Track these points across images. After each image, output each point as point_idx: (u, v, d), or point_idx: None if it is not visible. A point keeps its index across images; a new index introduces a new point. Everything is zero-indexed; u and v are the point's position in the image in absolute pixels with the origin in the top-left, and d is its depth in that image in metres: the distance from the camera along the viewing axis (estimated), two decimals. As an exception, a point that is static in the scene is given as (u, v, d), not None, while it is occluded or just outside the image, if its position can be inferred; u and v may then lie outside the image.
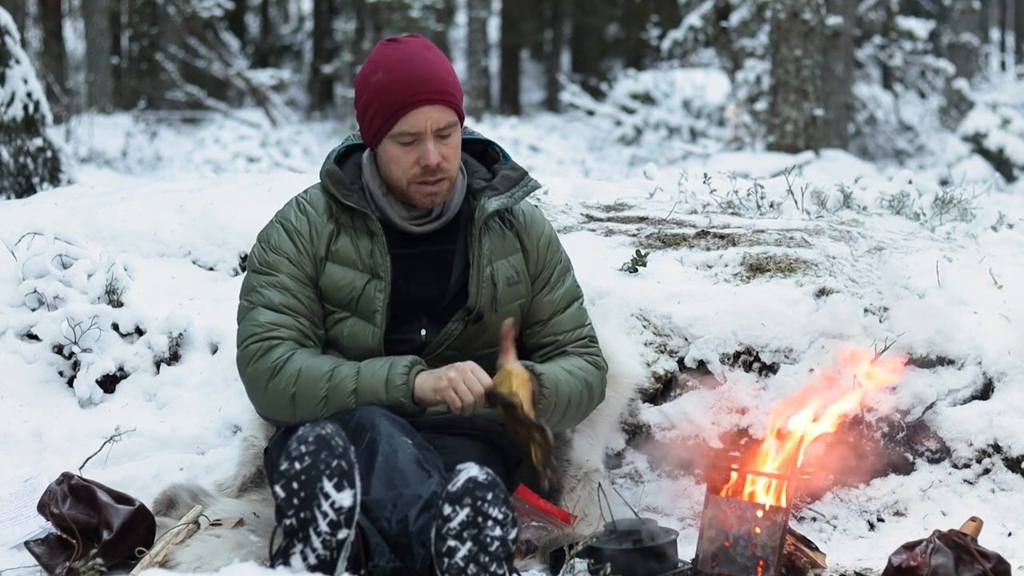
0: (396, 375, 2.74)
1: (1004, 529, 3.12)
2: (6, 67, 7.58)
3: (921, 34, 16.45)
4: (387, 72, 2.78)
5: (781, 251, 3.70)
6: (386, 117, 2.78)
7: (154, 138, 16.24)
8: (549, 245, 3.05)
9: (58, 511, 2.84)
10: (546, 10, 27.00)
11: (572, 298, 3.06)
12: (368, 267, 2.87)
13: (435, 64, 2.81)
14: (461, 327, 2.90)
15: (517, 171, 3.00)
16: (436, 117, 2.78)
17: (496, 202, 2.91)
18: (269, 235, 2.92)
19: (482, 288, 2.90)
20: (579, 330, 3.04)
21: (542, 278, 3.02)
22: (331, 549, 2.39)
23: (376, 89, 2.79)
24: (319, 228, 2.89)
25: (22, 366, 3.52)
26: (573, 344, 3.02)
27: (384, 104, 2.78)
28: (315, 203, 2.93)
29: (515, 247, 2.99)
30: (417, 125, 2.77)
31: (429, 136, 2.78)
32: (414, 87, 2.76)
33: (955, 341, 3.44)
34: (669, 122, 17.34)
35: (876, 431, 3.33)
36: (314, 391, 2.76)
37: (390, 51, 2.82)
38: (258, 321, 2.83)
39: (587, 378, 2.97)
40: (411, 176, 2.81)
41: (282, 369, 2.77)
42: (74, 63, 22.21)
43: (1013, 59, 25.31)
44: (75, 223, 3.99)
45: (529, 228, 3.02)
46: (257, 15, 27.60)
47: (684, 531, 3.12)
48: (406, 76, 2.77)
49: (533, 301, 3.01)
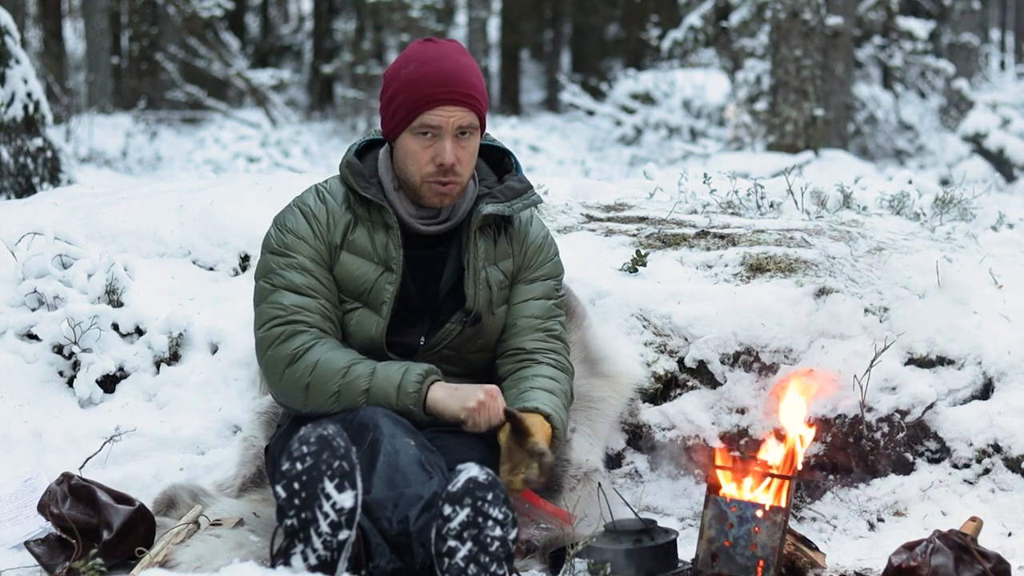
0: (409, 382, 2.75)
1: (1004, 529, 3.12)
2: (6, 67, 7.58)
3: (921, 34, 16.44)
4: (418, 67, 2.82)
5: (781, 251, 3.70)
6: (409, 109, 2.81)
7: (154, 138, 16.24)
8: (540, 249, 3.05)
9: (58, 511, 2.84)
10: (546, 10, 27.00)
11: (547, 295, 3.04)
12: (382, 259, 2.89)
13: (466, 67, 2.85)
14: (459, 328, 2.91)
15: (523, 183, 3.01)
16: (458, 116, 2.81)
17: (491, 207, 2.92)
18: (286, 218, 2.93)
19: (479, 291, 2.91)
20: (546, 322, 3.00)
21: (523, 272, 3.02)
22: (332, 550, 2.39)
23: (405, 81, 2.82)
24: (336, 217, 2.91)
25: (22, 366, 3.52)
26: (534, 333, 2.98)
27: (410, 96, 2.80)
28: (335, 193, 2.95)
29: (507, 253, 3.01)
30: (439, 120, 2.80)
31: (448, 134, 2.81)
32: (441, 83, 2.80)
33: (955, 341, 3.44)
34: (669, 122, 17.34)
35: (876, 431, 3.33)
36: (328, 385, 2.77)
37: (425, 48, 2.86)
38: (281, 304, 2.83)
39: (564, 390, 2.94)
40: (425, 173, 2.83)
41: (301, 358, 2.78)
42: (74, 63, 22.21)
43: (1013, 59, 25.31)
44: (75, 223, 3.99)
45: (522, 234, 3.04)
46: (257, 15, 27.60)
47: (684, 531, 3.12)
48: (435, 72, 2.81)
49: (510, 289, 3.00)
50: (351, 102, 19.64)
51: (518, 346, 2.98)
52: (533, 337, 2.98)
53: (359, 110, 19.47)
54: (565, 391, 2.93)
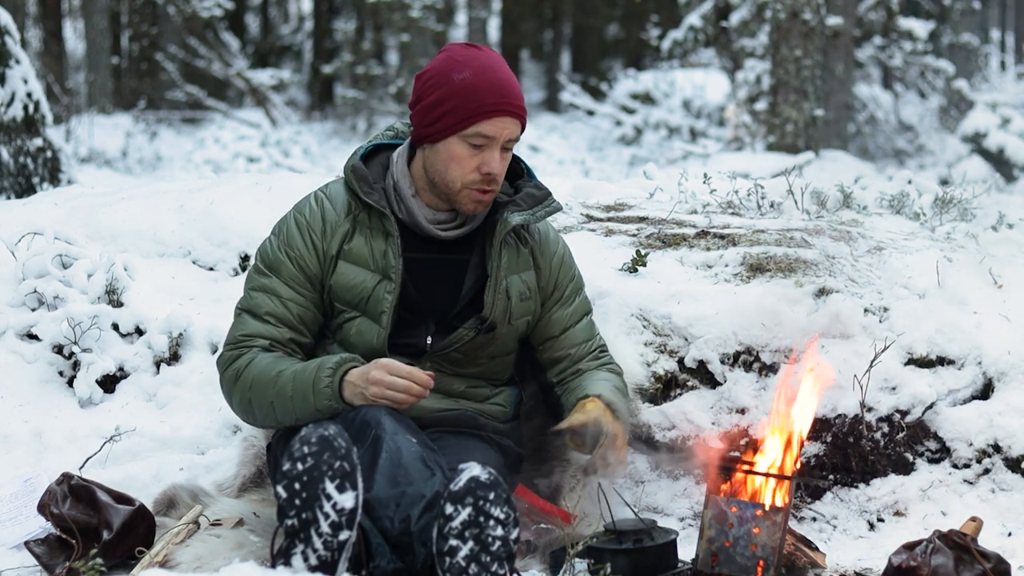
0: (321, 378, 2.72)
1: (1004, 529, 3.13)
2: (6, 67, 7.58)
3: (921, 34, 16.44)
4: (476, 74, 2.79)
5: (781, 251, 3.70)
6: (466, 115, 2.77)
7: (154, 138, 16.24)
8: (562, 264, 3.06)
9: (58, 511, 2.84)
10: (546, 10, 27.00)
11: (583, 312, 3.10)
12: (380, 268, 2.86)
13: (515, 80, 2.86)
14: (472, 335, 2.90)
15: (542, 190, 3.00)
16: (511, 130, 2.81)
17: (519, 217, 2.92)
18: (281, 228, 2.92)
19: (497, 300, 2.90)
20: (590, 342, 3.08)
21: (555, 296, 3.04)
22: (332, 550, 2.39)
23: (462, 86, 2.78)
24: (334, 225, 2.88)
25: (22, 366, 3.52)
26: (587, 357, 3.06)
27: (467, 102, 2.77)
28: (334, 198, 2.92)
29: (528, 264, 3.00)
30: (495, 131, 2.78)
31: (498, 145, 2.80)
32: (502, 94, 2.79)
33: (955, 341, 3.44)
34: (669, 122, 17.35)
35: (876, 431, 3.33)
36: (264, 397, 2.78)
37: (476, 55, 2.84)
38: (240, 329, 2.86)
39: (618, 386, 3.03)
40: (469, 180, 2.81)
41: (242, 375, 2.81)
42: (74, 63, 22.21)
43: (1013, 59, 25.33)
44: (75, 223, 3.99)
45: (544, 246, 3.04)
46: (257, 15, 27.60)
47: (684, 531, 3.12)
48: (497, 82, 2.79)
49: (546, 317, 3.03)
50: (351, 102, 19.65)
51: (573, 370, 3.05)
52: (585, 360, 3.06)
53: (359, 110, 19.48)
54: (619, 387, 3.01)
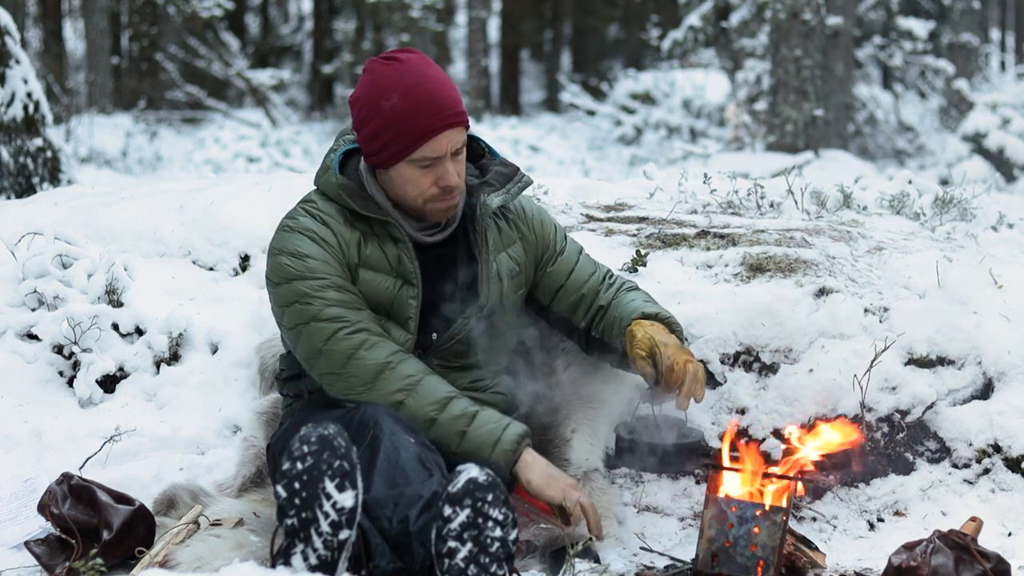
0: (507, 440, 2.73)
1: (1004, 529, 3.12)
2: (6, 67, 7.57)
3: (921, 34, 16.46)
4: (404, 97, 2.74)
5: (781, 251, 3.70)
6: (406, 144, 2.76)
7: (154, 138, 16.25)
8: (543, 224, 3.11)
9: (58, 511, 2.83)
10: (546, 10, 27.01)
11: (577, 252, 3.16)
12: (398, 272, 2.87)
13: (445, 84, 2.79)
14: (472, 324, 2.92)
15: (509, 167, 3.02)
16: (455, 139, 2.79)
17: (498, 199, 2.94)
18: (296, 245, 2.83)
19: (492, 285, 2.93)
20: (596, 274, 3.13)
21: (548, 253, 3.09)
22: (332, 549, 2.39)
23: (393, 116, 2.75)
24: (345, 237, 2.86)
25: (22, 366, 3.52)
26: (602, 289, 3.10)
27: (404, 131, 2.75)
28: (328, 212, 2.89)
29: (513, 237, 3.03)
30: (439, 150, 2.77)
31: (448, 158, 2.79)
32: (436, 113, 2.74)
33: (955, 341, 3.44)
34: (669, 122, 17.35)
35: (876, 431, 3.33)
36: (424, 408, 2.74)
37: (395, 72, 2.77)
38: (343, 318, 2.77)
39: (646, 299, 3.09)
40: (429, 195, 2.82)
41: (396, 368, 2.76)
42: (74, 63, 22.22)
43: (1013, 59, 25.33)
44: (75, 223, 3.99)
45: (524, 216, 3.08)
46: (257, 15, 27.61)
47: (684, 531, 3.12)
48: (426, 102, 2.74)
49: (546, 275, 3.08)
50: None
51: (596, 307, 3.08)
52: (602, 293, 3.10)
53: (359, 110, 19.43)
54: (646, 299, 3.08)
